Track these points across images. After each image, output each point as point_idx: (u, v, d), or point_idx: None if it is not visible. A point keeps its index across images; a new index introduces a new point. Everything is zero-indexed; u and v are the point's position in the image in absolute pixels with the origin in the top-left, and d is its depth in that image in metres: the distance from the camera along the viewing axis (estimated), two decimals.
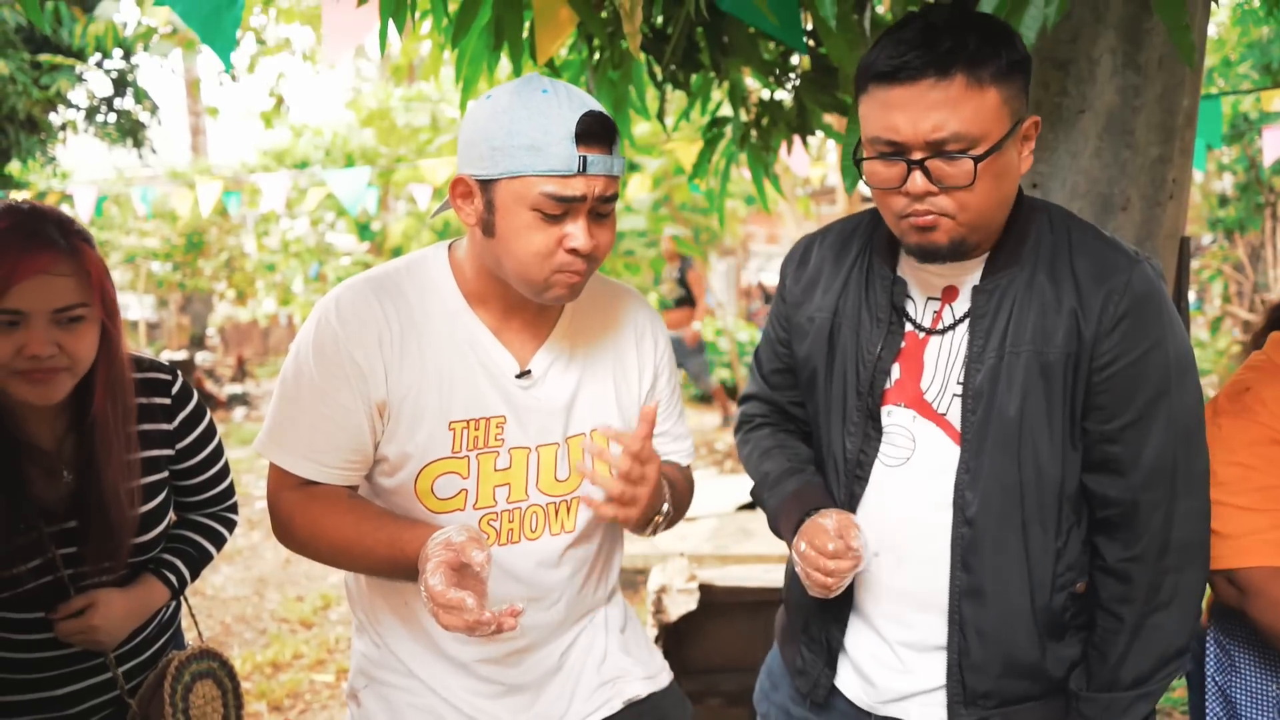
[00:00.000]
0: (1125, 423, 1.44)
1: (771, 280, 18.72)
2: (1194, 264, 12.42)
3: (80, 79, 8.23)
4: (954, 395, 1.51)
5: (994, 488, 1.47)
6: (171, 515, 1.91)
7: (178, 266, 14.88)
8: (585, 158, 1.40)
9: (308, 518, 1.54)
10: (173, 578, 1.87)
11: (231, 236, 15.34)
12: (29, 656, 1.74)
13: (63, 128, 8.56)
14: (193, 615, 2.11)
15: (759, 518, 5.61)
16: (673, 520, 1.64)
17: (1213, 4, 2.08)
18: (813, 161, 9.67)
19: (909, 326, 1.55)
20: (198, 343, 16.16)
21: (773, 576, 3.29)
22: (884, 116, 1.38)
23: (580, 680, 1.70)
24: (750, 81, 3.38)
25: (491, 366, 1.56)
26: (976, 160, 1.35)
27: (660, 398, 1.74)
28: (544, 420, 1.59)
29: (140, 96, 8.72)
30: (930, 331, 1.54)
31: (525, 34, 2.33)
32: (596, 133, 1.41)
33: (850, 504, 1.59)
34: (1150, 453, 1.44)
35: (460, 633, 1.33)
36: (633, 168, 7.94)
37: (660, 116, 2.93)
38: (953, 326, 1.52)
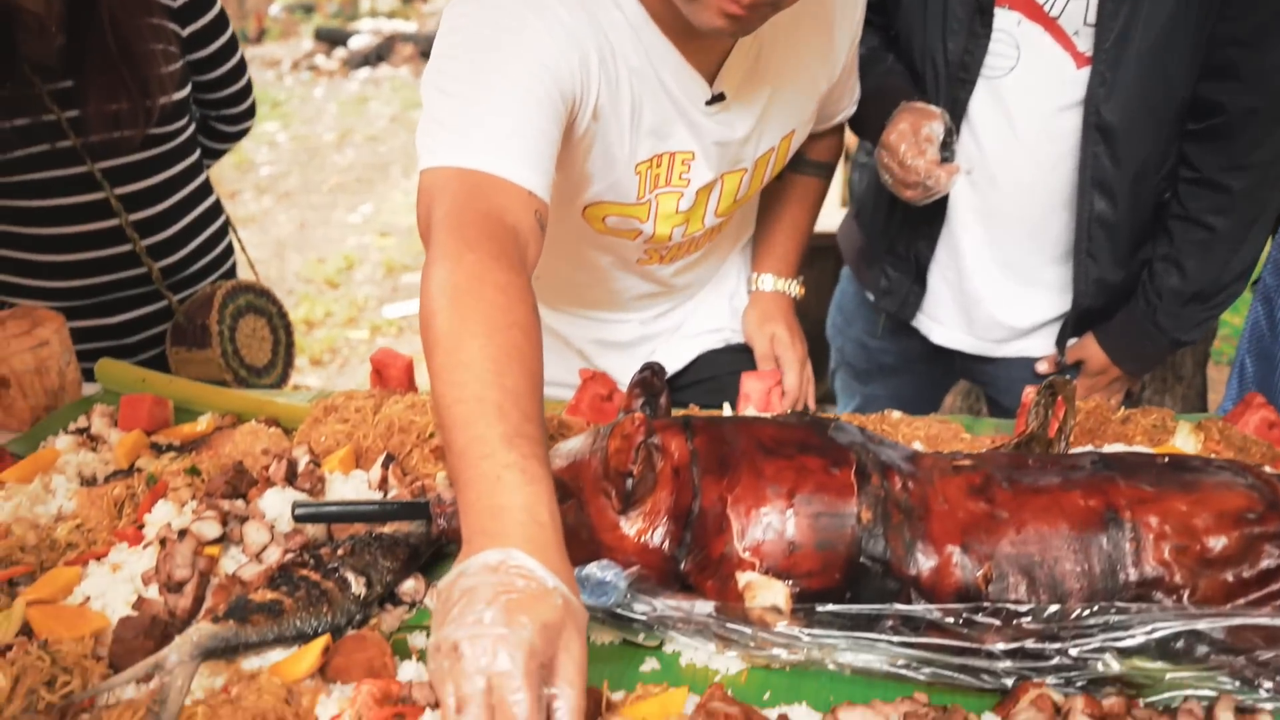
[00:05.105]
0: (1258, 23, 1.38)
1: None
2: None
3: None
4: None
5: (1129, 96, 1.44)
6: (189, 98, 1.88)
7: None
8: None
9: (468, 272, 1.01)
10: None
11: None
12: (82, 284, 1.79)
13: None
14: (245, 251, 2.05)
15: None
16: None
17: None
18: None
19: None
20: None
21: None
22: None
23: (705, 304, 1.72)
24: None
25: (679, 93, 1.31)
26: None
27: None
28: (732, 150, 1.40)
29: None
30: None
31: None
32: None
33: (953, 112, 1.52)
34: (1276, 57, 1.39)
35: None
36: None
37: None
38: None
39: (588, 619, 0.84)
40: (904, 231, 1.68)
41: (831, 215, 3.07)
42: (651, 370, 1.15)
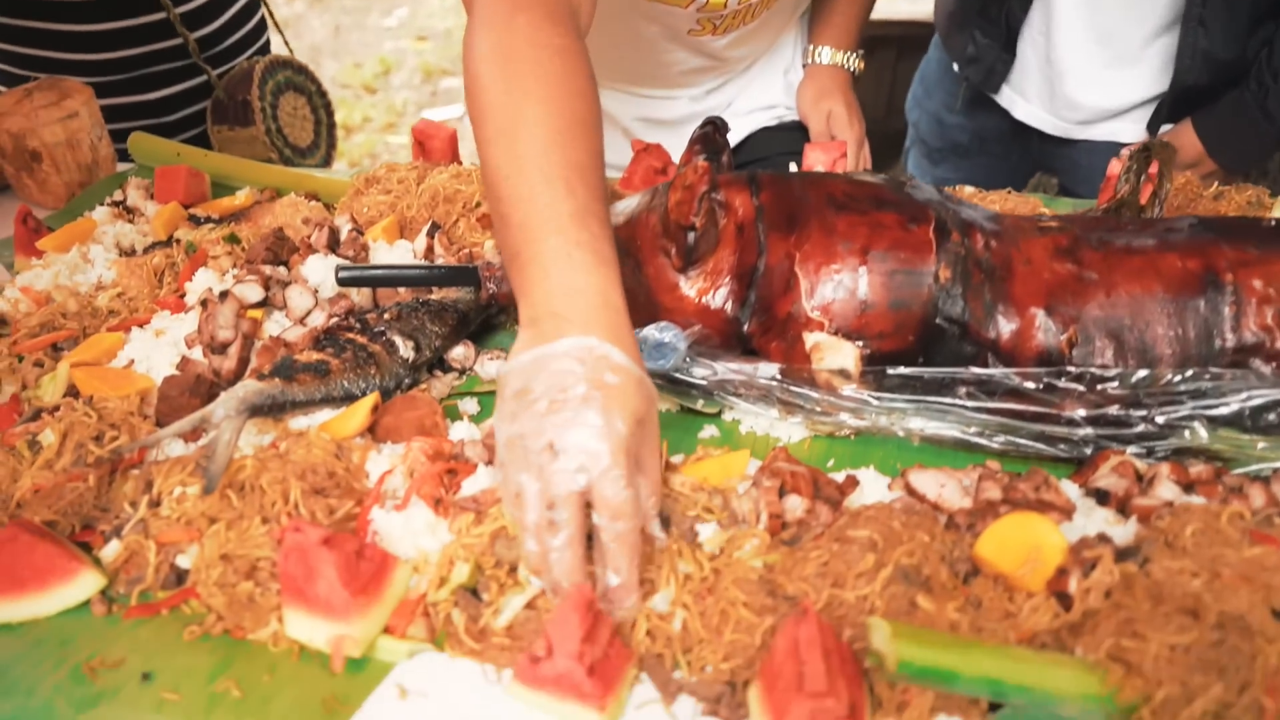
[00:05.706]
0: None
1: None
2: None
3: None
4: None
5: None
6: None
7: None
8: None
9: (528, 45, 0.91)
10: None
11: None
12: (115, 56, 1.70)
13: None
14: (282, 33, 1.95)
15: None
16: None
17: None
18: None
19: None
20: None
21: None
22: None
23: (758, 79, 1.62)
24: None
25: None
26: None
27: None
28: None
29: None
30: None
31: None
32: None
33: None
34: None
35: None
36: None
37: None
38: None
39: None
40: None
41: (890, 2, 2.87)
42: (714, 125, 1.07)
